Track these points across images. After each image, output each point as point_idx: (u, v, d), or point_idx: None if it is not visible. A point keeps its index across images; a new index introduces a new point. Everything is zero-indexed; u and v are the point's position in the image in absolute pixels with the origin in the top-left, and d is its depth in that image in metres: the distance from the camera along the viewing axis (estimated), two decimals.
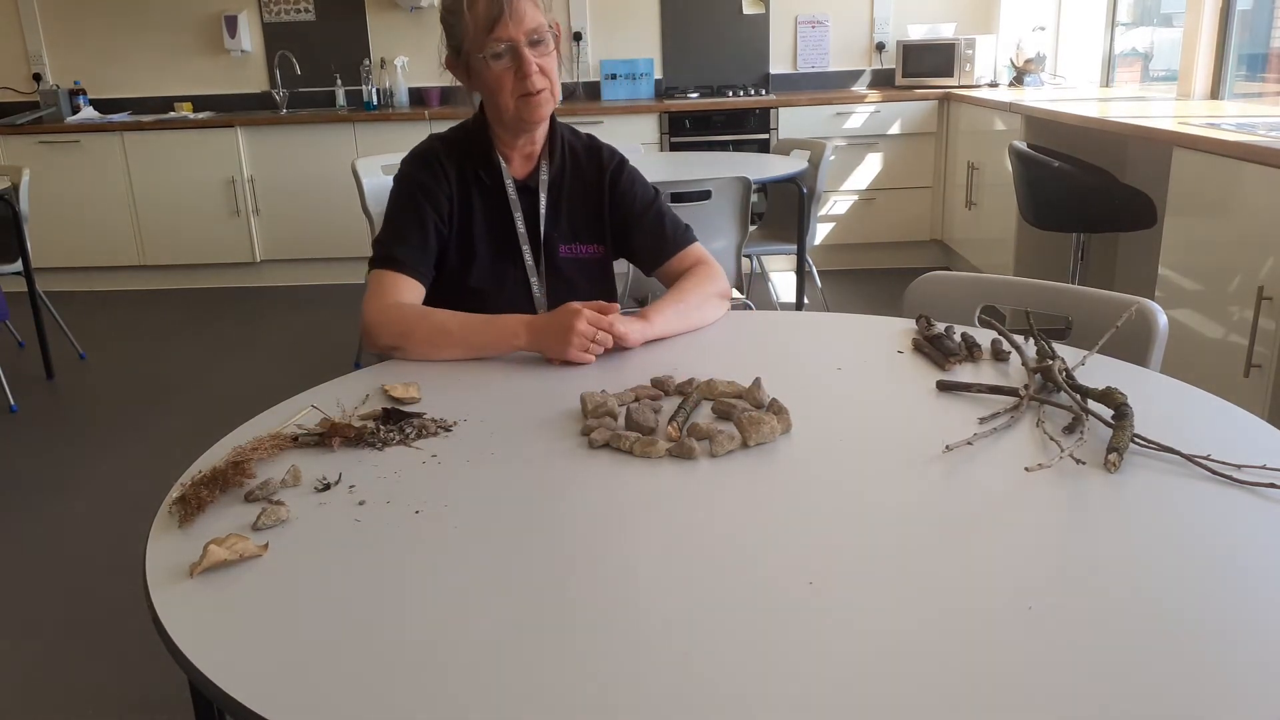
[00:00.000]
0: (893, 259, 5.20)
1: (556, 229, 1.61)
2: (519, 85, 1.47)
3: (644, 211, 1.62)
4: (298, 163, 5.06)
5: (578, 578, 0.82)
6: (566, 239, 1.61)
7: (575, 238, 1.62)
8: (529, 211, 1.59)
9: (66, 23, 5.44)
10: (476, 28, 1.45)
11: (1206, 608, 0.74)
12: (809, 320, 1.57)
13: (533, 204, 1.59)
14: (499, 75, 1.47)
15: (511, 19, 1.44)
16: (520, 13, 1.44)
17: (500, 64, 1.47)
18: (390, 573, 0.83)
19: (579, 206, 1.61)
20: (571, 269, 1.62)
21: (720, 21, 5.37)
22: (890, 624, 0.73)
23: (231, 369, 3.96)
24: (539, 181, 1.59)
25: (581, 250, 1.63)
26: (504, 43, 1.45)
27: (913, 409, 1.15)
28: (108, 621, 2.22)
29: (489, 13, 1.44)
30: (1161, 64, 4.46)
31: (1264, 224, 2.35)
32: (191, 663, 0.72)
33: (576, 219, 1.62)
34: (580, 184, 1.62)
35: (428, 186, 1.54)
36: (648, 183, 1.66)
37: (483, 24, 1.45)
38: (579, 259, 1.63)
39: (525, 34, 1.45)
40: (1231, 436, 1.04)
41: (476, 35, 1.46)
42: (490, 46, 1.45)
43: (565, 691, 0.67)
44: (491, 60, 1.46)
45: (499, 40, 1.45)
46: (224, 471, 0.99)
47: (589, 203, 1.62)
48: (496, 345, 1.37)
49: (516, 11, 1.44)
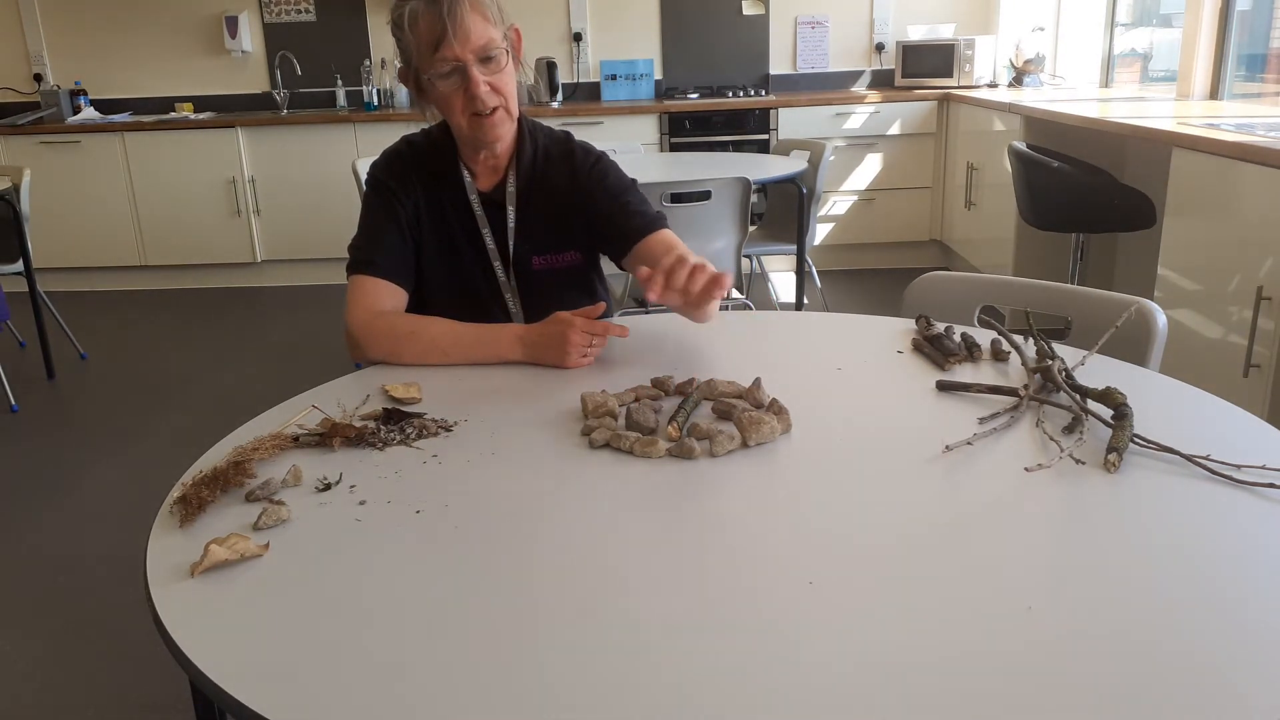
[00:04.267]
0: (892, 259, 5.20)
1: (529, 241, 1.55)
2: (469, 104, 1.41)
3: (613, 199, 1.54)
4: (298, 163, 5.06)
5: (578, 577, 0.82)
6: (540, 250, 1.56)
7: (550, 247, 1.56)
8: (497, 226, 1.54)
9: (67, 23, 5.44)
10: (420, 47, 1.38)
11: (1206, 608, 0.74)
12: (809, 320, 1.57)
13: (500, 218, 1.54)
14: (447, 95, 1.41)
15: (457, 38, 1.35)
16: (465, 31, 1.35)
17: (448, 84, 1.40)
18: (390, 573, 0.83)
19: (551, 214, 1.55)
20: (549, 280, 1.57)
21: (720, 22, 5.37)
22: (890, 624, 0.74)
23: (232, 369, 3.96)
24: (505, 194, 1.53)
25: (557, 260, 1.57)
26: (449, 63, 1.37)
27: (913, 409, 1.15)
28: (108, 621, 2.22)
29: (432, 32, 1.36)
30: (1161, 64, 4.46)
31: (1263, 224, 2.35)
32: (192, 663, 0.72)
33: (549, 228, 1.55)
34: (551, 191, 1.55)
35: (395, 192, 1.51)
36: (623, 174, 1.58)
37: (426, 43, 1.37)
38: (556, 269, 1.57)
39: (474, 52, 1.37)
40: (1231, 436, 1.04)
41: (421, 55, 1.39)
42: (436, 67, 1.38)
43: (565, 691, 0.67)
44: (438, 80, 1.39)
45: (444, 60, 1.37)
46: (225, 471, 1.00)
47: (561, 208, 1.55)
48: (490, 359, 1.35)
49: (462, 30, 1.35)
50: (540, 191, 1.55)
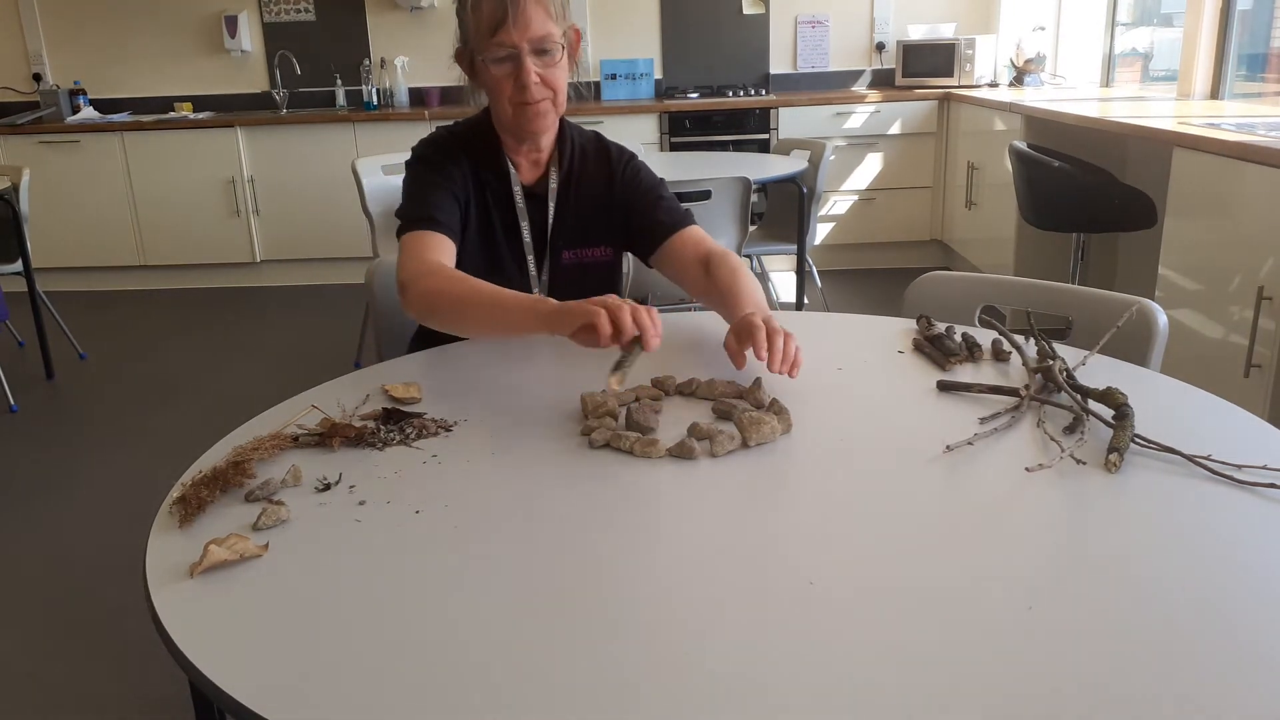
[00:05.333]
0: (893, 259, 5.20)
1: (562, 235, 1.58)
2: (518, 93, 1.44)
3: (644, 197, 1.58)
4: (298, 163, 5.06)
5: (578, 577, 0.81)
6: (571, 244, 1.58)
7: (581, 242, 1.59)
8: (536, 220, 1.56)
9: (66, 23, 5.44)
10: (479, 29, 1.41)
11: (1207, 608, 0.74)
12: (809, 320, 1.57)
13: (541, 212, 1.56)
14: (499, 80, 1.44)
15: (515, 25, 1.39)
16: (526, 20, 1.39)
17: (501, 69, 1.43)
18: (390, 573, 0.83)
19: (587, 211, 1.58)
20: (575, 273, 1.59)
21: (720, 21, 5.37)
22: (890, 623, 0.73)
23: (231, 369, 3.96)
24: (547, 189, 1.56)
25: (586, 254, 1.60)
26: (506, 48, 1.40)
27: (913, 409, 1.15)
28: (108, 621, 2.22)
29: (493, 16, 1.39)
30: (1161, 64, 4.46)
31: (1264, 224, 2.35)
32: (191, 663, 0.72)
33: (584, 223, 1.58)
34: (588, 188, 1.58)
35: (447, 169, 1.50)
36: (653, 173, 1.62)
37: (486, 26, 1.40)
38: (584, 264, 1.60)
39: (530, 41, 1.40)
40: (1232, 436, 1.04)
41: (479, 36, 1.42)
42: (492, 50, 1.41)
43: (565, 690, 0.67)
44: (492, 64, 1.42)
45: (500, 45, 1.40)
46: (224, 471, 0.99)
47: (597, 206, 1.58)
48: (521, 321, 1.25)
49: (522, 18, 1.39)
50: (578, 187, 1.58)
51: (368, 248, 4.80)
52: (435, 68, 5.34)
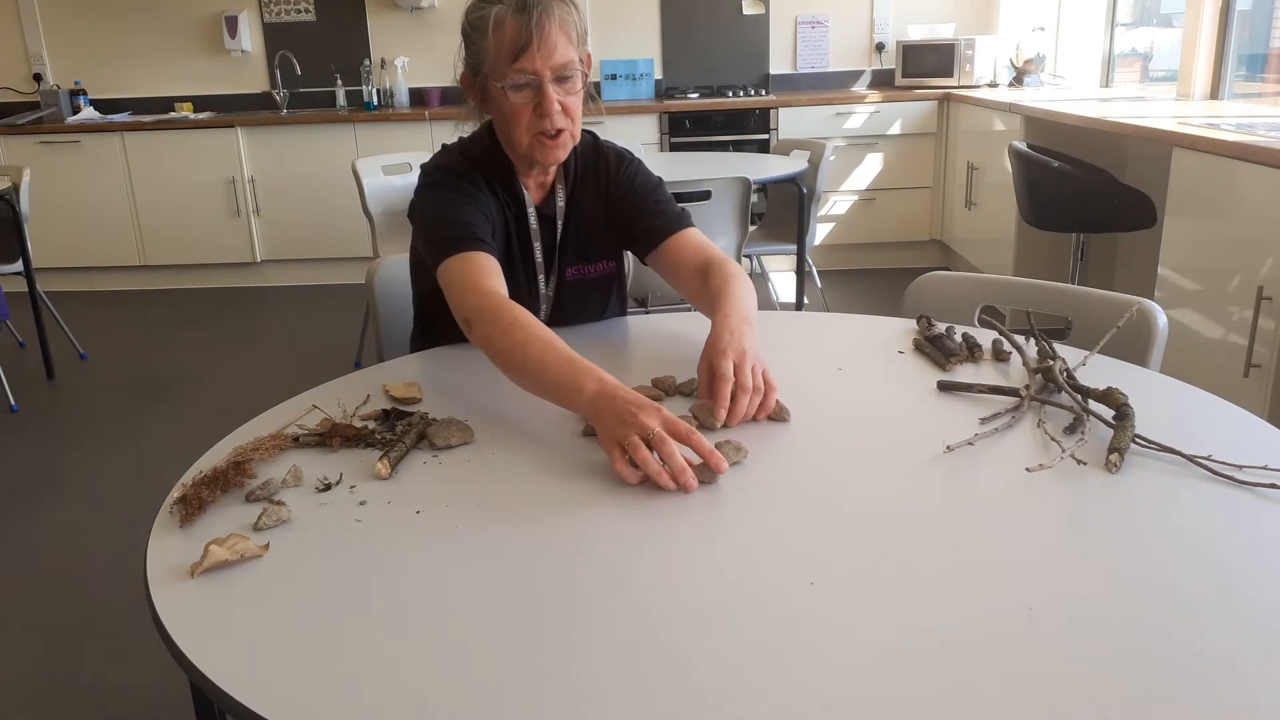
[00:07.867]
0: (893, 259, 5.20)
1: (567, 254, 1.55)
2: (536, 122, 1.36)
3: (642, 199, 1.54)
4: (298, 163, 5.06)
5: (577, 578, 0.82)
6: (574, 261, 1.55)
7: (585, 259, 1.56)
8: (546, 239, 1.53)
9: (67, 23, 5.44)
10: (499, 54, 1.33)
11: (1208, 608, 0.74)
12: (809, 320, 1.57)
13: (550, 231, 1.53)
14: (517, 108, 1.36)
15: (540, 52, 1.32)
16: (551, 46, 1.32)
17: (520, 96, 1.35)
18: (390, 573, 0.83)
19: (591, 226, 1.55)
20: (579, 289, 1.57)
21: (720, 22, 5.37)
22: (891, 624, 0.73)
23: (231, 369, 3.96)
24: (555, 209, 1.52)
25: (590, 270, 1.57)
26: (528, 75, 1.33)
27: (913, 409, 1.15)
28: (108, 621, 2.22)
29: (516, 41, 1.31)
30: (1161, 64, 4.46)
31: (1264, 224, 2.35)
32: (191, 663, 0.72)
33: (589, 240, 1.56)
34: (590, 203, 1.55)
35: (470, 192, 1.44)
36: (650, 173, 1.59)
37: (507, 52, 1.32)
38: (587, 279, 1.57)
39: (553, 69, 1.33)
40: (1232, 437, 1.04)
41: (498, 62, 1.34)
42: (512, 77, 1.33)
43: (565, 691, 0.67)
44: (511, 91, 1.35)
45: (522, 71, 1.33)
46: (225, 471, 0.99)
47: (600, 219, 1.56)
48: (561, 400, 1.12)
49: (547, 44, 1.32)
50: (581, 204, 1.55)
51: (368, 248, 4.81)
52: (435, 68, 5.34)
